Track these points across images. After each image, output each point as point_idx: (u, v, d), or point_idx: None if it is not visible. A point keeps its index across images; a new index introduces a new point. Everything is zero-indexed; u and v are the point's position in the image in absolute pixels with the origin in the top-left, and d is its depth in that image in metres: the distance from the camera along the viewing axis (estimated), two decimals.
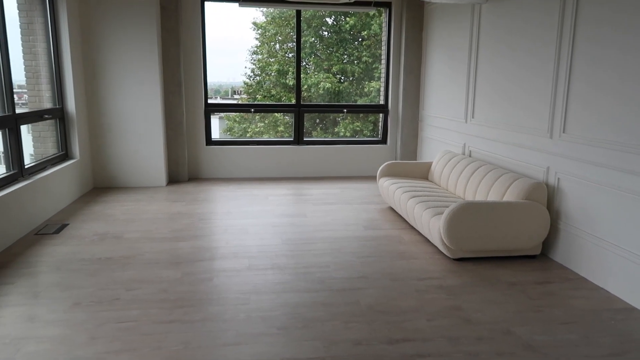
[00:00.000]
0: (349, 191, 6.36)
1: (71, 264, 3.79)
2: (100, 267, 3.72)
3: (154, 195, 6.00)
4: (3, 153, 4.61)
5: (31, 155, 5.66)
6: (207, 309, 3.08)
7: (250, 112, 7.24)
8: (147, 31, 6.13)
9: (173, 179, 6.81)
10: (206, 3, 6.76)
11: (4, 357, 2.50)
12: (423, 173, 5.76)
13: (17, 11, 5.51)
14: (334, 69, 14.58)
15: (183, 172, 6.82)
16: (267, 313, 3.04)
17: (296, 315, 3.02)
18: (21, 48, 5.55)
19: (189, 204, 5.62)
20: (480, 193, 4.55)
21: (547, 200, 4.03)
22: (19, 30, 5.52)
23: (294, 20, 7.37)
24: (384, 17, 7.24)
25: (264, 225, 4.88)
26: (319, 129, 15.38)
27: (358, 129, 14.45)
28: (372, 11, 6.80)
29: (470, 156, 5.47)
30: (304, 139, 7.26)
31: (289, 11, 13.22)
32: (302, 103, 7.21)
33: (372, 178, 7.05)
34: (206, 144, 7.03)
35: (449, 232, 3.84)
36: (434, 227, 4.09)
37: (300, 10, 7.12)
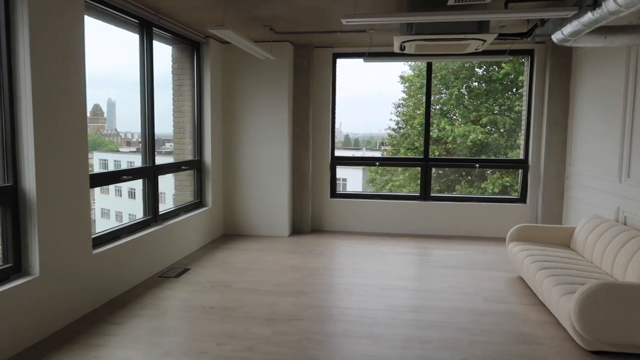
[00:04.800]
0: (475, 254, 5.75)
1: (179, 310, 3.96)
2: (201, 317, 3.82)
3: (274, 246, 6.13)
4: (142, 200, 5.14)
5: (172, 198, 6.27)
6: None
7: (375, 165, 7.11)
8: (280, 89, 6.50)
9: (296, 229, 6.92)
10: (338, 60, 6.96)
11: None
12: (563, 240, 4.95)
13: (172, 75, 6.28)
14: (484, 120, 13.90)
15: (306, 223, 6.91)
16: None
17: None
18: (172, 107, 6.27)
19: (304, 257, 5.60)
20: (631, 271, 3.71)
21: None
22: (172, 91, 6.28)
23: (440, 72, 7.12)
24: (526, 66, 6.66)
25: (372, 286, 4.60)
26: (463, 182, 14.62)
27: (508, 184, 13.38)
28: (506, 59, 6.29)
29: (625, 224, 4.57)
30: (431, 195, 6.86)
31: (437, 63, 13.10)
32: (430, 157, 6.87)
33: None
34: (331, 196, 7.06)
35: (582, 317, 3.15)
36: (563, 309, 3.40)
37: (431, 63, 6.90)
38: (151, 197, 5.09)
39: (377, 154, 18.10)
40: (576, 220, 5.83)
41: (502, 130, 14.39)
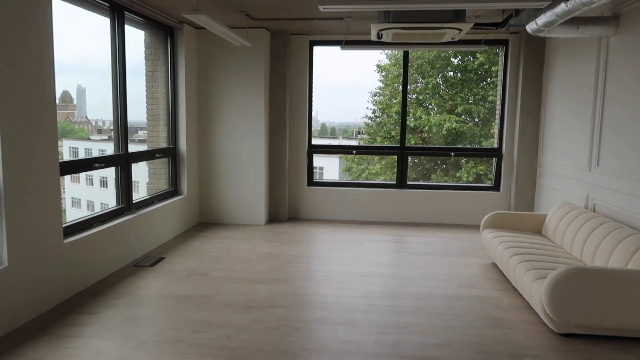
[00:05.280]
0: (451, 241, 5.84)
1: (154, 299, 3.91)
2: (178, 305, 3.78)
3: (251, 234, 6.11)
4: (115, 188, 5.03)
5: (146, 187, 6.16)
6: None
7: (352, 153, 7.13)
8: (256, 76, 6.42)
9: (273, 218, 6.91)
10: (315, 47, 6.92)
11: None
12: (535, 226, 5.07)
13: (145, 61, 6.13)
14: (459, 110, 14.05)
15: (283, 211, 6.89)
16: None
17: None
18: (145, 93, 6.13)
19: (281, 245, 5.60)
20: (600, 255, 3.83)
21: None
22: (145, 77, 6.13)
23: (417, 61, 7.14)
24: (500, 56, 6.74)
25: (349, 273, 4.63)
26: (439, 171, 14.80)
27: (482, 172, 13.61)
28: (481, 49, 6.35)
29: (594, 210, 4.70)
30: (407, 183, 6.93)
31: (414, 53, 13.15)
32: (406, 145, 6.92)
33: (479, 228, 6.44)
34: (307, 185, 7.05)
35: (552, 301, 3.24)
36: (535, 293, 3.49)
37: (407, 52, 6.92)
38: (124, 185, 4.98)
39: (354, 143, 18.12)
40: (548, 207, 5.97)
41: (476, 120, 14.59)
